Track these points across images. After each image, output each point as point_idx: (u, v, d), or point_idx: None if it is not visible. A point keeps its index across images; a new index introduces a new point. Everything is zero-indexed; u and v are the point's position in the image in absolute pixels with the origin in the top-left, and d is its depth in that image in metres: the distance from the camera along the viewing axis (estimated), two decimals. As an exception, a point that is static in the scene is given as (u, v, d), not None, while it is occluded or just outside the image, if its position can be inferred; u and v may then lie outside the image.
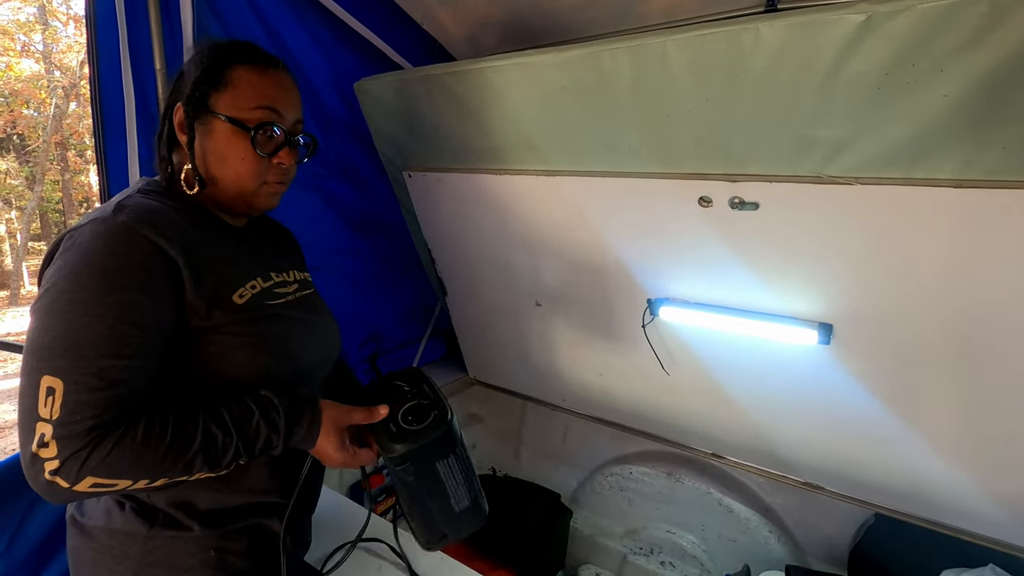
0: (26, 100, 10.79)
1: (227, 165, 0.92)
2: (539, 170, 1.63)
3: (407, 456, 0.94)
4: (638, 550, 2.17)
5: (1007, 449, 1.35)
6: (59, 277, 0.77)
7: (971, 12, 0.89)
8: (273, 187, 0.97)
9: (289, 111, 0.96)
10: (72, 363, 0.74)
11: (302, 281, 1.09)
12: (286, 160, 0.96)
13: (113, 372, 0.76)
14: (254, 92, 0.92)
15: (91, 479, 0.74)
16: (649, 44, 1.18)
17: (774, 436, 1.75)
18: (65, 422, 0.73)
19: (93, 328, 0.75)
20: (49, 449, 0.73)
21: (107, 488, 0.76)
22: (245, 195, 0.95)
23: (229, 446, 0.83)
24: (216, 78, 0.91)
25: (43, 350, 0.74)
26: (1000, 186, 1.05)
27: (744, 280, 1.50)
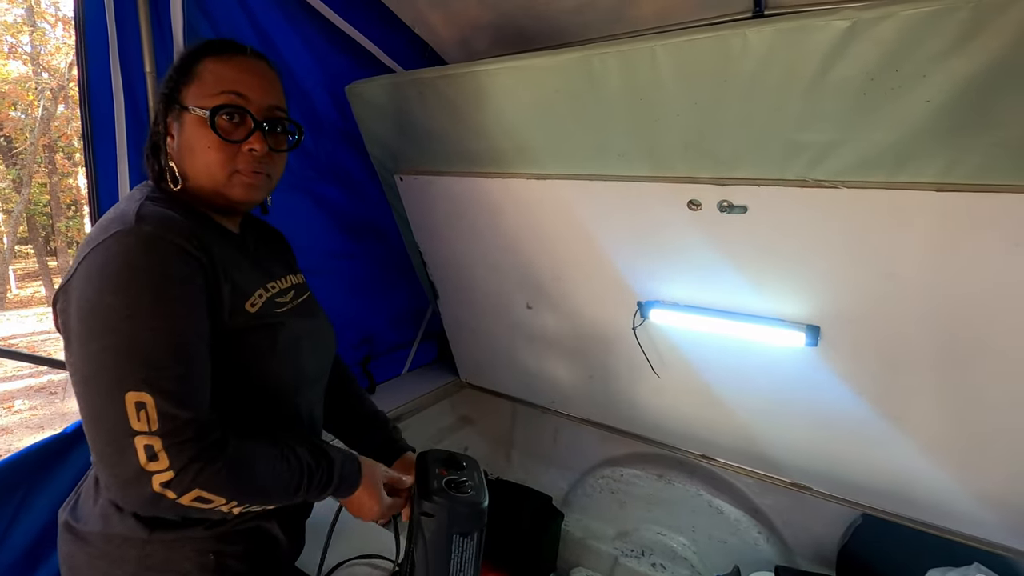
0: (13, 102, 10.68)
1: (196, 156, 0.90)
2: (530, 173, 1.63)
3: (433, 511, 0.99)
4: (629, 552, 2.17)
5: (992, 449, 1.37)
6: (105, 293, 0.75)
7: (952, 19, 0.91)
8: (246, 176, 0.91)
9: (259, 95, 0.91)
10: (154, 375, 0.74)
11: (298, 286, 1.09)
12: (256, 145, 0.90)
13: (191, 376, 0.78)
14: (216, 79, 0.90)
15: (197, 492, 0.76)
16: (639, 49, 1.19)
17: (763, 437, 1.77)
18: (169, 431, 0.74)
19: (159, 339, 0.76)
20: (160, 461, 0.73)
21: (205, 505, 0.78)
22: (218, 187, 0.91)
23: (303, 483, 0.88)
24: (185, 73, 0.91)
25: (115, 368, 0.74)
26: (981, 190, 1.07)
27: (733, 283, 1.51)
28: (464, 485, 1.02)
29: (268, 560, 1.00)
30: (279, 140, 0.96)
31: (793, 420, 1.65)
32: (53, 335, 9.04)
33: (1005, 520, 1.46)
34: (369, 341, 2.32)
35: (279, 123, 0.95)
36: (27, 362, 1.56)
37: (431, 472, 1.04)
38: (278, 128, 0.95)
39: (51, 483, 1.33)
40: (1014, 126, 0.97)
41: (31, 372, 7.39)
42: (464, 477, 1.04)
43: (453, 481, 1.02)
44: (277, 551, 1.02)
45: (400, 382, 2.47)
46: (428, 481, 1.01)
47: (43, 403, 6.54)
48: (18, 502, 1.29)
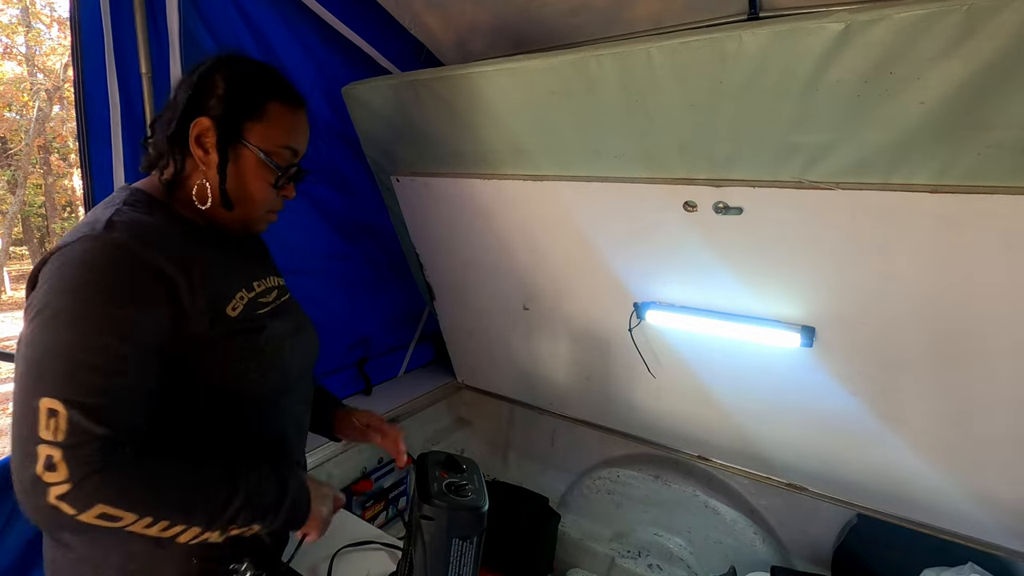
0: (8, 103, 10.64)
1: (245, 192, 0.95)
2: (527, 175, 1.64)
3: (433, 515, 0.98)
4: (626, 553, 2.17)
5: (986, 449, 1.38)
6: (53, 296, 0.75)
7: (946, 22, 0.91)
8: (272, 215, 1.02)
9: (303, 149, 1.01)
10: (73, 384, 0.72)
11: (280, 287, 1.10)
12: (291, 194, 1.02)
13: (116, 392, 0.75)
14: (286, 131, 0.96)
15: (100, 507, 0.72)
16: (635, 51, 1.20)
17: (758, 438, 1.77)
18: (73, 444, 0.71)
19: (92, 348, 0.74)
20: (58, 472, 0.70)
21: (112, 523, 0.73)
22: (249, 220, 0.99)
23: (240, 511, 0.84)
24: (254, 109, 0.92)
25: (42, 372, 0.73)
26: (976, 191, 1.08)
27: (728, 284, 1.52)
28: (464, 488, 1.02)
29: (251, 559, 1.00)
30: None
31: (789, 421, 1.66)
32: (48, 337, 8.98)
33: (1000, 520, 1.46)
34: (365, 343, 2.32)
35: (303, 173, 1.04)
36: (22, 364, 1.53)
37: (431, 475, 1.04)
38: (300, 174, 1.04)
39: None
40: (1007, 128, 0.98)
41: (26, 374, 7.34)
42: (464, 480, 1.05)
43: (453, 484, 1.02)
44: (260, 551, 1.02)
45: (397, 384, 2.47)
46: (428, 484, 1.01)
47: (38, 405, 6.49)
48: (11, 506, 1.29)
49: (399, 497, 2.20)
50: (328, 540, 1.34)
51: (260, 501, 0.87)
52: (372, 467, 2.08)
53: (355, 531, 1.40)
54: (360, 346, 2.29)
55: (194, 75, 0.93)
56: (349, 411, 1.34)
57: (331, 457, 1.92)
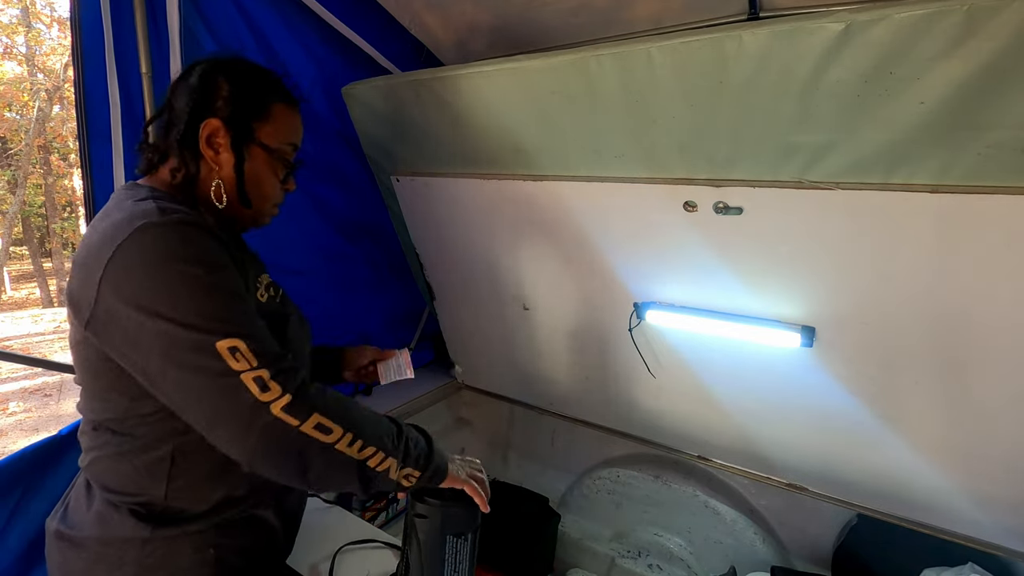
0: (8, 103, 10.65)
1: (260, 189, 0.99)
2: (526, 175, 1.64)
3: (427, 512, 1.00)
4: (626, 553, 2.17)
5: (986, 449, 1.38)
6: (153, 273, 0.77)
7: (946, 22, 0.91)
8: (276, 209, 1.07)
9: (299, 146, 1.06)
10: (236, 322, 0.78)
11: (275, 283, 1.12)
12: (292, 187, 1.07)
13: (262, 328, 0.83)
14: (289, 129, 1.01)
15: (316, 417, 0.79)
16: (635, 51, 1.20)
17: (759, 438, 1.77)
18: (272, 363, 0.78)
19: (224, 298, 0.80)
20: (272, 390, 0.77)
21: (325, 436, 0.80)
22: (259, 215, 1.03)
23: (402, 437, 0.92)
24: (260, 110, 0.97)
25: (193, 327, 0.76)
26: (976, 191, 1.08)
27: (729, 284, 1.52)
28: (460, 494, 1.02)
29: (265, 553, 1.01)
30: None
31: (789, 421, 1.66)
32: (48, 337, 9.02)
33: (1000, 520, 1.46)
34: (366, 342, 2.31)
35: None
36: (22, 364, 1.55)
37: None
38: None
39: (46, 486, 1.32)
40: (1007, 128, 0.98)
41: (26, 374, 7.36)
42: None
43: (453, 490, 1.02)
44: (274, 543, 1.03)
45: (397, 383, 2.46)
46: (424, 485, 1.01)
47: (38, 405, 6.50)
48: (13, 506, 1.29)
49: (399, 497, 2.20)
50: (328, 539, 1.35)
51: (415, 444, 0.94)
52: (372, 467, 2.08)
53: (355, 531, 1.41)
54: (360, 346, 2.29)
55: (191, 78, 0.94)
56: (346, 349, 1.42)
57: (331, 457, 1.92)
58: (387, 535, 1.39)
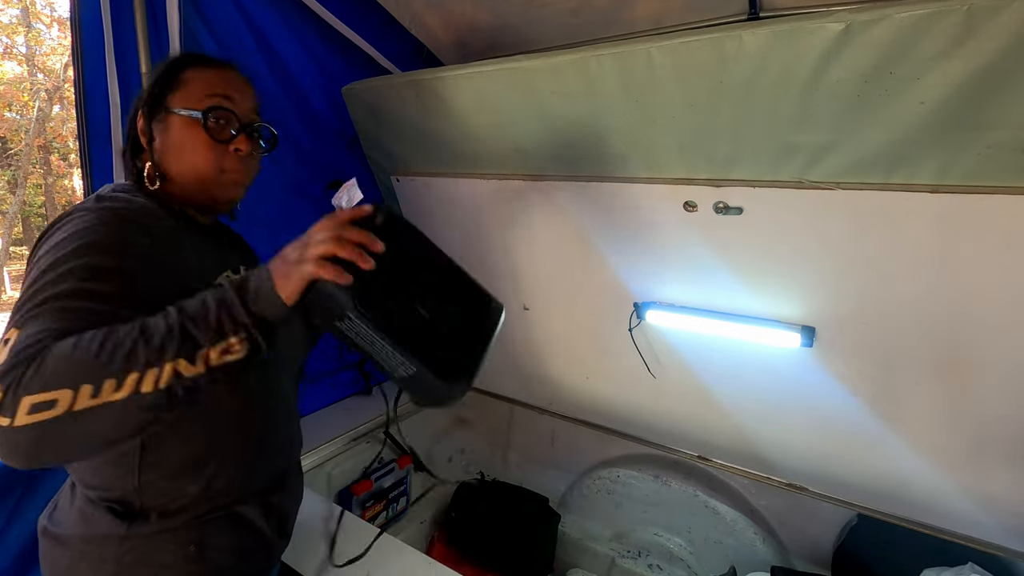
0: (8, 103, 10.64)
1: (184, 157, 0.94)
2: (526, 174, 1.64)
3: (305, 309, 0.79)
4: (626, 553, 2.17)
5: (986, 449, 1.38)
6: (52, 248, 0.78)
7: (946, 22, 0.91)
8: (233, 175, 0.98)
9: (242, 101, 0.98)
10: (40, 315, 0.71)
11: None
12: (243, 146, 0.97)
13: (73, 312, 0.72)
14: (204, 85, 0.95)
15: (27, 400, 0.65)
16: (635, 51, 1.20)
17: (758, 438, 1.77)
18: (14, 363, 0.67)
19: (63, 281, 0.74)
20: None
21: (46, 412, 0.66)
22: (207, 186, 0.96)
23: (173, 326, 0.72)
24: (171, 80, 0.96)
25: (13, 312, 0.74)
26: (976, 191, 1.08)
27: (729, 284, 1.52)
28: None
29: (253, 553, 1.00)
30: (257, 145, 1.02)
31: (789, 421, 1.66)
32: (48, 337, 8.98)
33: (1000, 520, 1.46)
34: (366, 342, 2.31)
35: (259, 128, 1.02)
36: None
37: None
38: (256, 134, 1.01)
39: (44, 487, 1.32)
40: (1007, 128, 0.98)
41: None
42: None
43: None
44: (264, 543, 1.01)
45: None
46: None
47: (38, 405, 6.50)
48: (12, 507, 1.29)
49: (399, 497, 2.20)
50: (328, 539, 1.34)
51: (215, 305, 0.75)
52: (372, 467, 2.08)
53: (355, 531, 1.41)
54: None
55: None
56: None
57: (331, 457, 1.92)
58: (387, 535, 1.39)
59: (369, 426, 2.09)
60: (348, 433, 2.00)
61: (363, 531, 1.41)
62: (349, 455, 1.99)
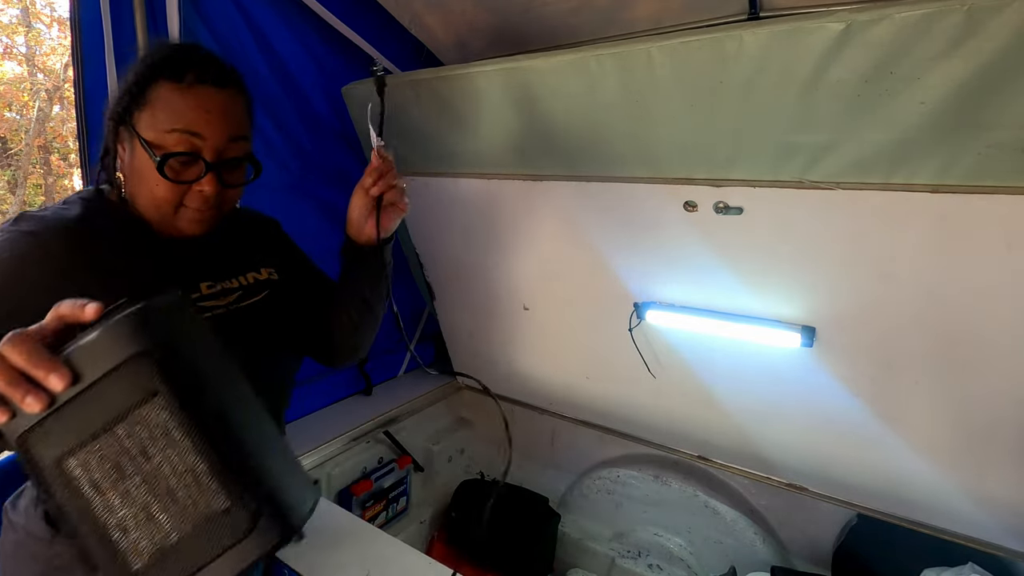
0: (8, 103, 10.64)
1: (143, 186, 0.86)
2: (526, 174, 1.64)
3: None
4: (626, 553, 2.17)
5: (987, 449, 1.38)
6: None
7: (947, 22, 0.91)
8: (194, 213, 0.88)
9: (215, 131, 0.86)
10: None
11: (252, 285, 1.02)
12: (207, 188, 0.86)
13: None
14: (171, 113, 0.84)
15: None
16: (635, 50, 1.20)
17: (759, 438, 1.77)
18: None
19: None
20: None
21: None
22: (164, 219, 0.88)
23: None
24: (139, 95, 0.85)
25: None
26: (976, 191, 1.08)
27: (729, 283, 1.51)
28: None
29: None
30: (235, 175, 0.93)
31: (789, 421, 1.66)
32: (48, 337, 8.98)
33: (1000, 520, 1.46)
34: (366, 342, 2.31)
35: (236, 162, 0.91)
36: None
37: None
38: (236, 166, 0.92)
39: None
40: (1008, 128, 0.98)
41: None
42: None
43: None
44: None
45: (397, 384, 2.47)
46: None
47: (38, 405, 6.50)
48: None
49: (399, 497, 2.20)
50: (327, 539, 1.34)
51: None
52: (372, 467, 2.08)
53: (354, 531, 1.40)
54: (360, 346, 2.29)
55: None
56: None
57: (331, 457, 1.92)
58: (387, 534, 1.39)
59: (369, 426, 2.09)
60: (348, 433, 2.00)
61: (362, 530, 1.41)
62: (349, 455, 1.99)
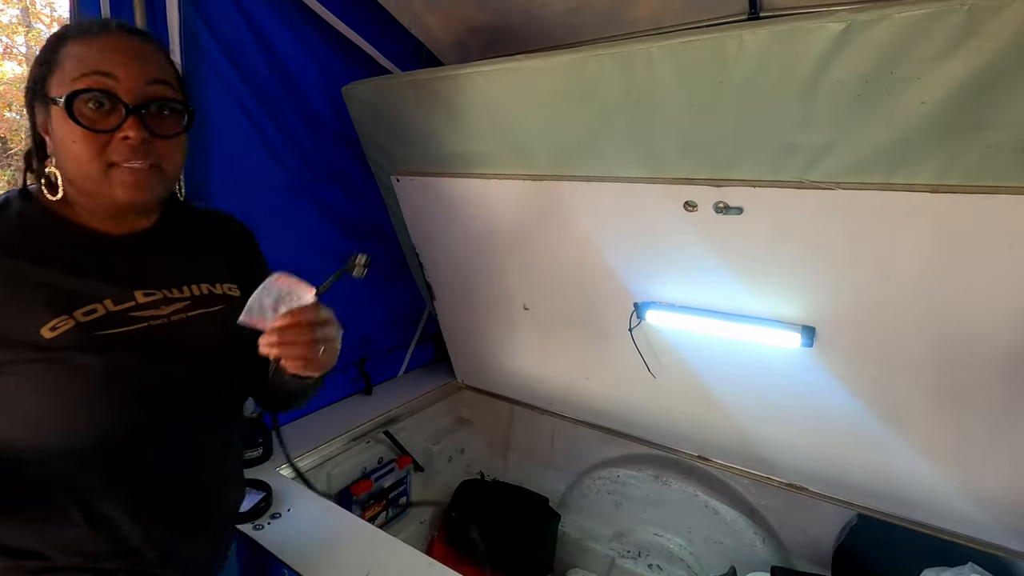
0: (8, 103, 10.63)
1: (66, 154, 0.77)
2: (526, 174, 1.64)
3: None
4: (626, 553, 2.17)
5: (986, 449, 1.38)
6: None
7: (946, 22, 0.91)
8: (126, 173, 0.77)
9: (131, 72, 0.77)
10: None
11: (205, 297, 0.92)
12: (131, 132, 0.76)
13: None
14: (79, 62, 0.76)
15: None
16: (635, 51, 1.20)
17: (759, 438, 1.77)
18: None
19: None
20: None
21: None
22: (97, 186, 0.78)
23: None
24: (48, 60, 0.78)
25: None
26: (976, 191, 1.08)
27: (729, 284, 1.51)
28: None
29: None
30: (165, 124, 0.81)
31: (789, 421, 1.66)
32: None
33: (1000, 520, 1.46)
34: (366, 342, 2.32)
35: (161, 103, 0.80)
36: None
37: None
38: (164, 111, 0.81)
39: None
40: (1007, 128, 0.98)
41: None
42: None
43: None
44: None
45: (397, 383, 2.47)
46: None
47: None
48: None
49: (399, 497, 2.20)
50: (327, 539, 1.34)
51: None
52: (372, 467, 2.08)
53: (354, 530, 1.41)
54: (361, 346, 2.29)
55: None
56: None
57: (331, 457, 1.92)
58: (387, 534, 1.39)
59: (369, 426, 2.09)
60: (348, 433, 2.00)
61: (362, 530, 1.41)
62: (349, 455, 1.99)
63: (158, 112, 0.80)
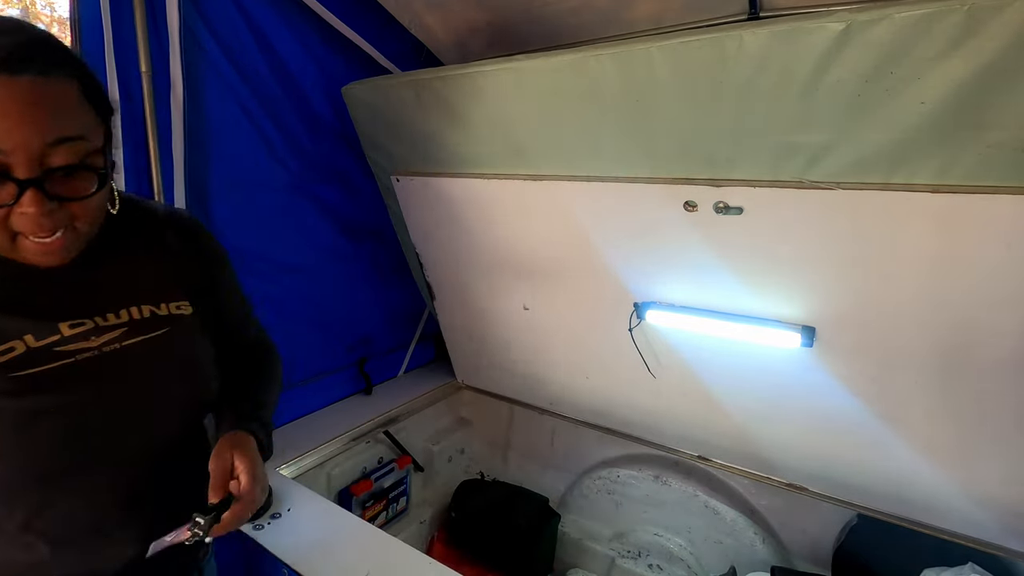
0: (8, 102, 10.64)
1: None
2: (526, 174, 1.64)
3: None
4: (626, 553, 2.17)
5: (986, 449, 1.38)
6: None
7: (947, 22, 0.91)
8: (35, 244, 0.69)
9: (23, 137, 0.63)
10: None
11: (146, 320, 0.83)
12: (30, 209, 0.65)
13: None
14: None
15: None
16: (635, 51, 1.20)
17: (759, 438, 1.77)
18: None
19: None
20: None
21: None
22: (8, 253, 0.70)
23: None
24: None
25: None
26: (976, 191, 1.08)
27: (729, 284, 1.51)
28: None
29: None
30: (74, 186, 0.69)
31: (789, 421, 1.66)
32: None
33: (1000, 520, 1.46)
34: (366, 342, 2.32)
35: (67, 169, 0.67)
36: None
37: None
38: (72, 174, 0.68)
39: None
40: (1008, 128, 0.98)
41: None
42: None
43: None
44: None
45: (397, 383, 2.47)
46: None
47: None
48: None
49: (399, 497, 2.20)
50: (327, 539, 1.34)
51: None
52: (372, 467, 2.08)
53: (354, 530, 1.41)
54: (361, 346, 2.29)
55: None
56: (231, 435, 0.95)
57: (331, 457, 1.92)
58: (387, 534, 1.39)
59: (369, 426, 2.09)
60: (348, 433, 2.00)
61: (362, 530, 1.41)
62: (349, 455, 1.99)
63: (65, 177, 0.68)
